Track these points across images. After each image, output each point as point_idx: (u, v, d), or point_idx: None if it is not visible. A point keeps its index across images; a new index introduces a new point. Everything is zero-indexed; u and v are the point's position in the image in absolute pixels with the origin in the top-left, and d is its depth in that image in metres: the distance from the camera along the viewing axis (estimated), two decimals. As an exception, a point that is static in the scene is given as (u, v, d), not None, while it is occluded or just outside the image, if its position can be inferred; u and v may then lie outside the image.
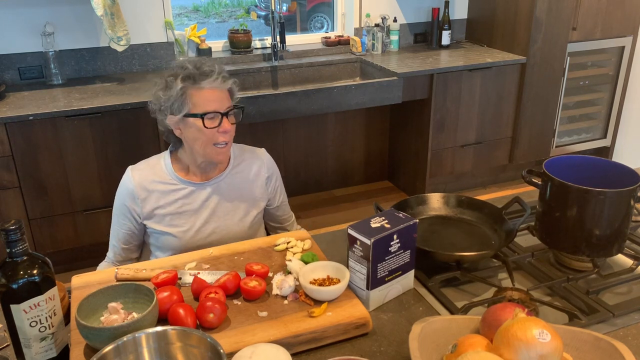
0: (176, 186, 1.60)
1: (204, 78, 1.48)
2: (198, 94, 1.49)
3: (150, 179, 1.59)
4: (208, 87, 1.49)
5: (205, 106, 1.49)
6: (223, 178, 1.63)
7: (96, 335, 1.02)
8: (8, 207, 2.63)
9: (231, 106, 1.54)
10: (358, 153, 3.89)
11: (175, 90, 1.49)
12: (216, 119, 1.50)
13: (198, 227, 1.60)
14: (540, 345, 0.89)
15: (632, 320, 1.18)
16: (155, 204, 1.59)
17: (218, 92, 1.51)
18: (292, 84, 3.46)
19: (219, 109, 1.50)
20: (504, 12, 3.61)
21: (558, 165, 1.40)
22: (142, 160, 1.64)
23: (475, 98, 3.47)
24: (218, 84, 1.50)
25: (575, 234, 1.30)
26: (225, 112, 1.52)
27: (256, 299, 1.22)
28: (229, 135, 1.53)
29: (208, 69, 1.50)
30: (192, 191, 1.61)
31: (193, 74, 1.49)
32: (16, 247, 1.01)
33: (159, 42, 3.24)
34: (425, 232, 1.48)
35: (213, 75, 1.49)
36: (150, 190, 1.58)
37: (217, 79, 1.49)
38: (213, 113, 1.50)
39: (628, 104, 4.00)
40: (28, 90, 2.90)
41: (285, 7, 5.61)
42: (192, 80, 1.48)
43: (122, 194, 1.61)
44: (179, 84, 1.48)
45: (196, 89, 1.49)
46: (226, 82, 1.52)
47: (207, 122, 1.50)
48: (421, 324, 1.02)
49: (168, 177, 1.60)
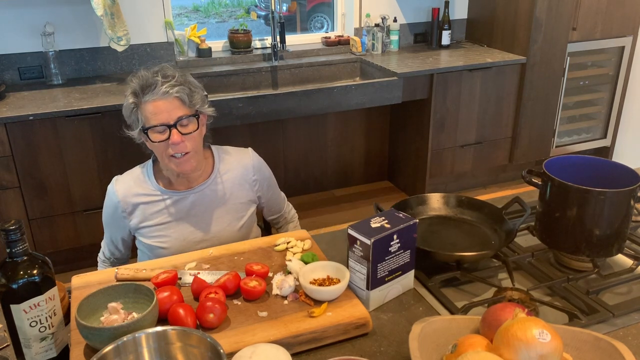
0: (159, 197, 1.58)
1: (147, 91, 1.44)
2: (145, 108, 1.46)
3: (133, 192, 1.57)
4: (150, 100, 1.44)
5: (151, 120, 1.45)
6: (208, 185, 1.60)
7: (96, 335, 1.02)
8: (8, 207, 2.63)
9: (183, 116, 1.46)
10: (358, 153, 3.90)
11: (128, 106, 1.48)
12: (165, 132, 1.46)
13: (185, 236, 1.59)
14: (540, 345, 0.89)
15: (632, 320, 1.18)
16: (142, 216, 1.58)
17: (163, 103, 1.44)
18: (292, 84, 3.46)
19: (164, 121, 1.45)
20: (504, 12, 3.61)
21: (558, 165, 1.40)
22: (127, 171, 1.62)
23: (475, 98, 3.47)
24: (160, 96, 1.44)
25: (575, 234, 1.30)
26: (174, 124, 1.45)
27: (256, 299, 1.22)
28: (182, 146, 1.47)
29: (151, 80, 1.45)
30: (176, 200, 1.58)
31: (136, 89, 1.46)
32: (16, 247, 1.01)
33: (159, 42, 3.24)
34: (425, 232, 1.48)
35: (154, 87, 1.44)
36: (134, 203, 1.57)
37: (159, 90, 1.43)
38: (159, 126, 1.45)
39: (628, 104, 4.00)
40: (28, 90, 2.90)
41: (285, 7, 5.61)
42: (136, 95, 1.46)
43: (108, 207, 1.61)
44: (130, 99, 1.47)
45: (143, 103, 1.46)
46: (171, 91, 1.44)
47: (152, 136, 1.46)
48: (421, 324, 1.02)
49: (151, 188, 1.58)
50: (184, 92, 1.46)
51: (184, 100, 1.46)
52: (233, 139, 3.43)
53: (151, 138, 1.47)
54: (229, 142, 1.78)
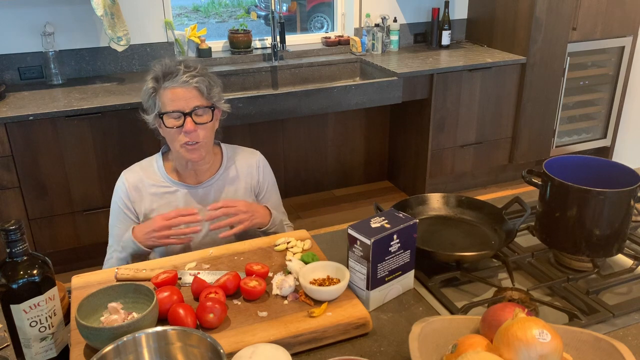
0: (169, 188, 1.60)
1: (168, 78, 1.49)
2: (163, 94, 1.51)
3: (142, 181, 1.59)
4: (170, 87, 1.49)
5: (167, 106, 1.50)
6: (215, 181, 1.63)
7: (96, 335, 1.02)
8: (8, 207, 2.63)
9: (199, 106, 1.51)
10: (358, 153, 3.89)
11: (147, 91, 1.52)
12: (180, 119, 1.50)
13: None
14: (540, 345, 0.89)
15: (632, 320, 1.18)
16: (150, 206, 1.59)
17: (181, 91, 1.49)
18: (292, 84, 3.46)
19: (181, 109, 1.49)
20: (504, 12, 3.61)
21: (558, 165, 1.40)
22: (136, 163, 1.65)
23: (475, 98, 3.47)
24: (180, 83, 1.48)
25: (575, 234, 1.30)
26: (189, 112, 1.49)
27: (256, 299, 1.22)
28: (195, 135, 1.50)
29: (173, 68, 1.50)
30: (185, 194, 1.61)
31: (157, 75, 1.51)
32: (16, 247, 1.01)
33: (159, 42, 3.24)
34: (425, 232, 1.48)
35: (175, 75, 1.49)
36: (143, 191, 1.59)
37: (179, 79, 1.48)
38: (174, 112, 1.49)
39: (628, 104, 4.00)
40: (28, 90, 2.90)
41: (285, 7, 5.61)
42: (157, 81, 1.51)
43: (117, 196, 1.61)
44: (149, 84, 1.51)
45: (162, 89, 1.50)
46: (190, 81, 1.49)
47: (167, 121, 1.51)
48: (421, 324, 1.02)
49: (160, 178, 1.60)
50: (203, 83, 1.51)
51: (202, 91, 1.51)
52: (233, 139, 3.41)
53: (166, 123, 1.51)
54: (229, 142, 1.78)
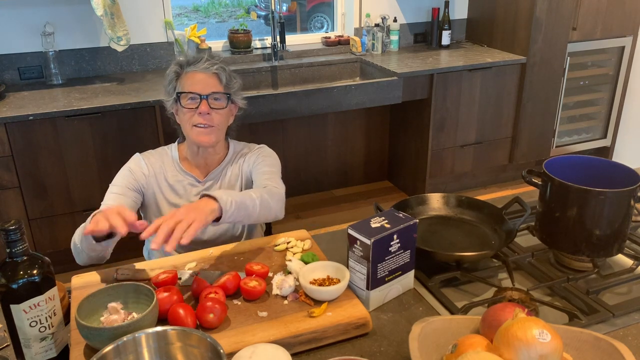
0: (179, 176, 1.66)
1: (192, 63, 1.60)
2: (185, 77, 1.60)
3: (158, 164, 1.66)
4: (191, 71, 1.59)
5: (187, 87, 1.59)
6: (221, 170, 1.68)
7: (96, 335, 1.02)
8: (8, 207, 2.63)
9: (217, 91, 1.58)
10: (358, 153, 3.89)
11: (169, 74, 1.63)
12: (196, 100, 1.57)
13: None
14: (540, 345, 0.89)
15: (632, 320, 1.18)
16: (158, 188, 1.64)
17: (202, 75, 1.58)
18: (292, 84, 3.46)
19: (199, 91, 1.56)
20: (504, 12, 3.61)
21: (558, 165, 1.40)
22: (150, 150, 1.71)
23: (475, 98, 3.47)
24: (202, 69, 1.58)
25: (575, 234, 1.30)
26: (206, 96, 1.56)
27: (256, 299, 1.22)
28: (208, 118, 1.57)
29: (197, 57, 1.61)
30: (192, 184, 1.66)
31: (181, 62, 1.62)
32: (16, 247, 1.01)
33: (159, 42, 3.24)
34: (425, 232, 1.48)
35: (197, 61, 1.59)
36: (156, 172, 1.65)
37: (201, 65, 1.58)
38: (191, 93, 1.57)
39: (628, 104, 4.00)
40: (28, 90, 2.89)
41: (285, 7, 5.61)
42: (181, 67, 1.61)
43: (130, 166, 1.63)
44: (173, 68, 1.62)
45: (184, 73, 1.60)
46: (211, 68, 1.58)
47: (183, 101, 1.58)
48: (421, 324, 1.02)
49: (173, 166, 1.67)
50: (223, 72, 1.60)
51: (221, 79, 1.60)
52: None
53: (182, 103, 1.59)
54: (229, 142, 1.79)
